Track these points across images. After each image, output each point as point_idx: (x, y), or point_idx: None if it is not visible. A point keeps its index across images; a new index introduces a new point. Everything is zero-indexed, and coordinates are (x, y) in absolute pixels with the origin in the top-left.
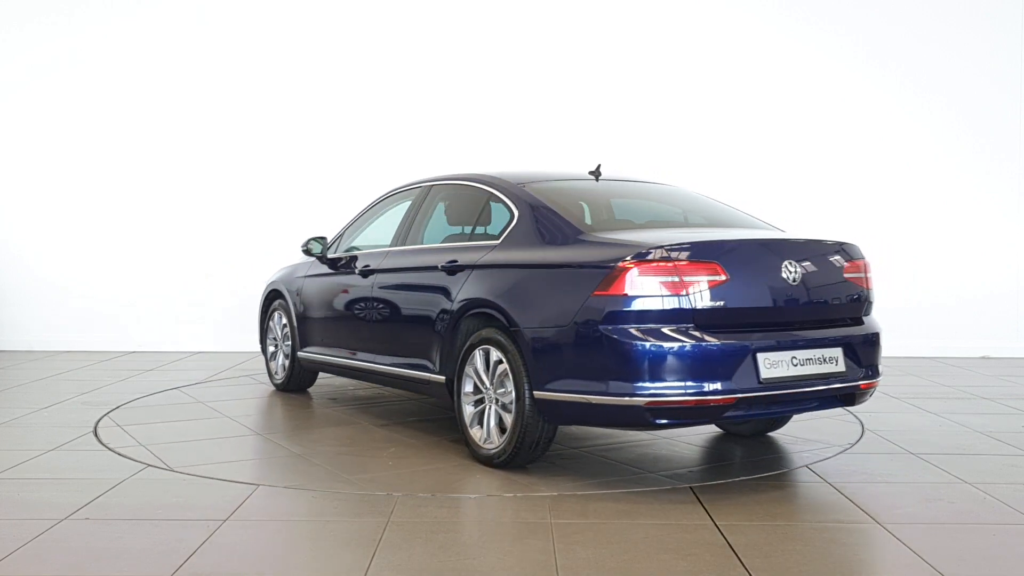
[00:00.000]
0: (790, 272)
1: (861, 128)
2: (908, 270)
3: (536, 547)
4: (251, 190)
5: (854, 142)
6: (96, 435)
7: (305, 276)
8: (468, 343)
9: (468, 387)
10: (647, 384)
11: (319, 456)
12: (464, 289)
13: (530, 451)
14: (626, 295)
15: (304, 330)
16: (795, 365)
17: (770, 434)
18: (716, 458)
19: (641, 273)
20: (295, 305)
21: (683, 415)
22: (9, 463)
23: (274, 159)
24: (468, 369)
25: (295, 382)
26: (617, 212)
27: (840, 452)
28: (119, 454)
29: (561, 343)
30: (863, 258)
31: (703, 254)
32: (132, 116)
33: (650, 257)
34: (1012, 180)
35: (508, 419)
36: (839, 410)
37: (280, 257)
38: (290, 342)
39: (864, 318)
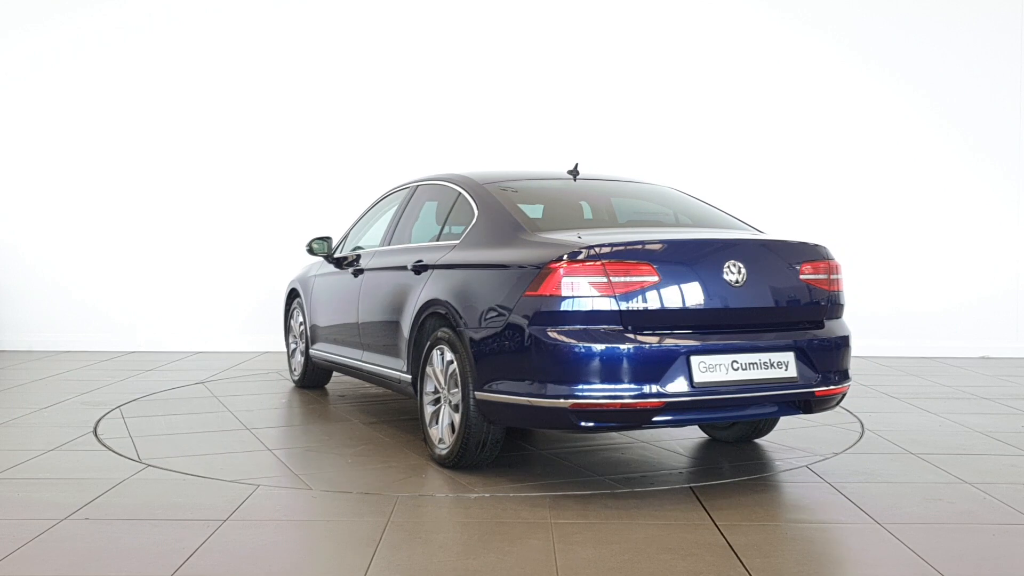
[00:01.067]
0: (733, 273)
1: (861, 128)
2: (908, 270)
3: (536, 547)
4: (252, 190)
5: (854, 142)
6: (96, 435)
7: (315, 275)
8: (428, 343)
9: (429, 387)
10: (572, 386)
11: (286, 453)
12: (425, 289)
13: (476, 453)
14: (554, 295)
15: (313, 328)
16: (736, 369)
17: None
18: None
19: (569, 273)
20: (307, 303)
21: (609, 418)
22: (9, 463)
23: (277, 158)
24: (428, 369)
25: (310, 379)
26: (587, 212)
27: (840, 452)
28: (119, 454)
29: (497, 344)
30: (828, 259)
31: (634, 254)
32: (132, 117)
33: (580, 257)
34: (1012, 180)
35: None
36: (839, 411)
37: (282, 257)
38: (304, 340)
39: (827, 321)
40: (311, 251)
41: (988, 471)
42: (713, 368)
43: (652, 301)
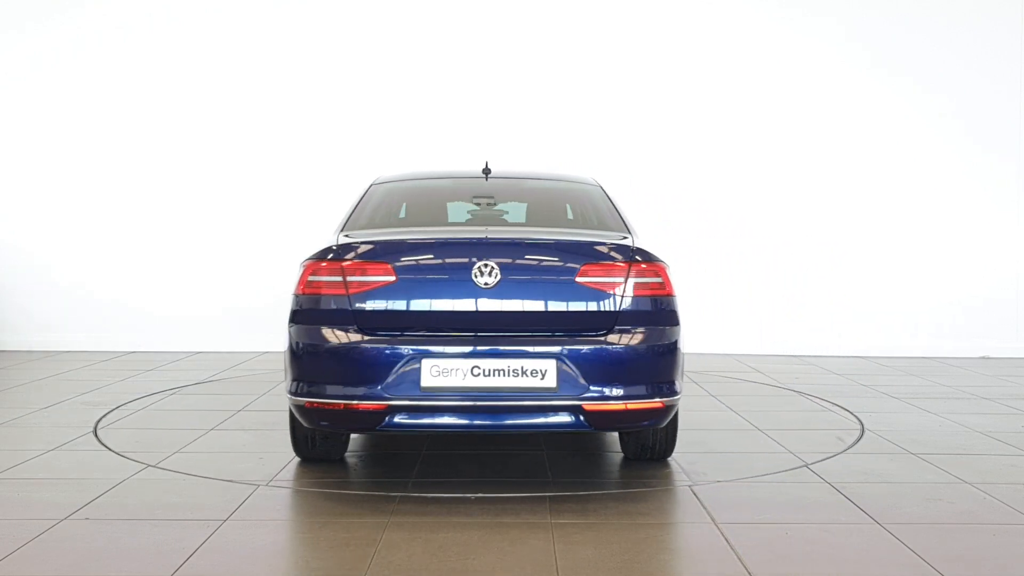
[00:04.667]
0: (483, 275)
1: (861, 128)
2: (908, 270)
3: (536, 547)
4: (253, 190)
5: (854, 142)
6: (96, 435)
7: None
8: None
9: None
10: (309, 385)
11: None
12: None
13: (308, 448)
14: (302, 294)
15: None
16: (476, 376)
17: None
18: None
19: (312, 273)
20: None
21: (338, 420)
22: (9, 463)
23: (278, 159)
24: None
25: None
26: (450, 213)
27: (840, 452)
28: (119, 454)
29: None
30: (622, 261)
31: (372, 254)
32: (133, 117)
33: (324, 257)
34: (1012, 180)
35: None
36: (839, 410)
37: (282, 258)
38: None
39: (621, 329)
40: None
41: (988, 471)
42: (447, 373)
43: (387, 302)
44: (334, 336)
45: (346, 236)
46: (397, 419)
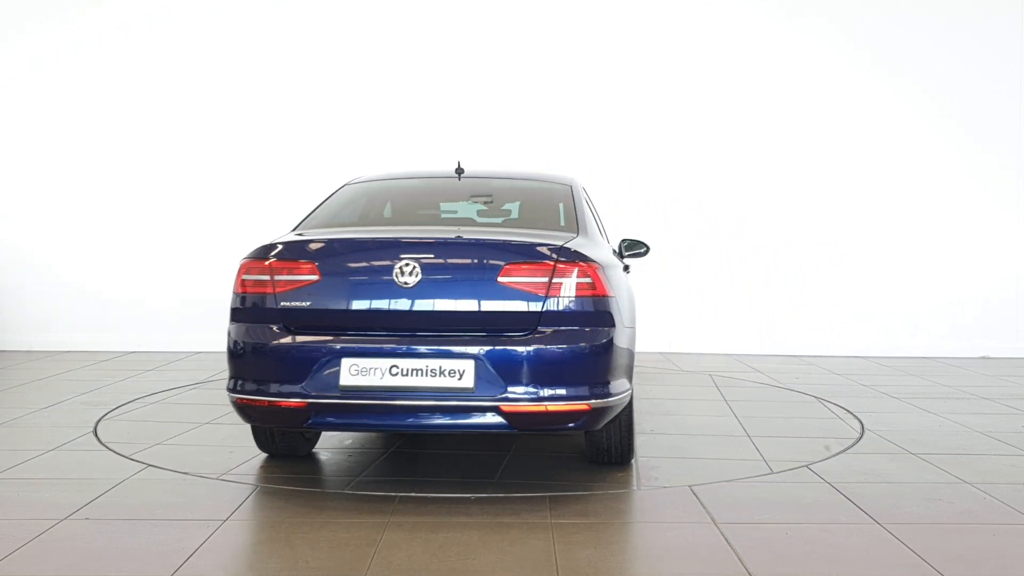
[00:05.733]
0: (404, 274)
1: (861, 128)
2: (908, 270)
3: (536, 547)
4: (253, 191)
5: (854, 142)
6: (96, 435)
7: None
8: None
9: None
10: (237, 381)
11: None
12: None
13: (269, 443)
14: (237, 292)
15: None
16: (395, 375)
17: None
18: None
19: (245, 272)
20: None
21: (266, 416)
22: (9, 463)
23: (278, 159)
24: None
25: None
26: (408, 212)
27: (840, 452)
28: (119, 454)
29: None
30: (547, 261)
31: (298, 253)
32: (133, 118)
33: (257, 256)
34: (1012, 180)
35: None
36: (839, 410)
37: None
38: None
39: (542, 328)
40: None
41: (988, 471)
42: (366, 372)
43: (310, 301)
44: (262, 334)
45: (296, 235)
46: (320, 417)
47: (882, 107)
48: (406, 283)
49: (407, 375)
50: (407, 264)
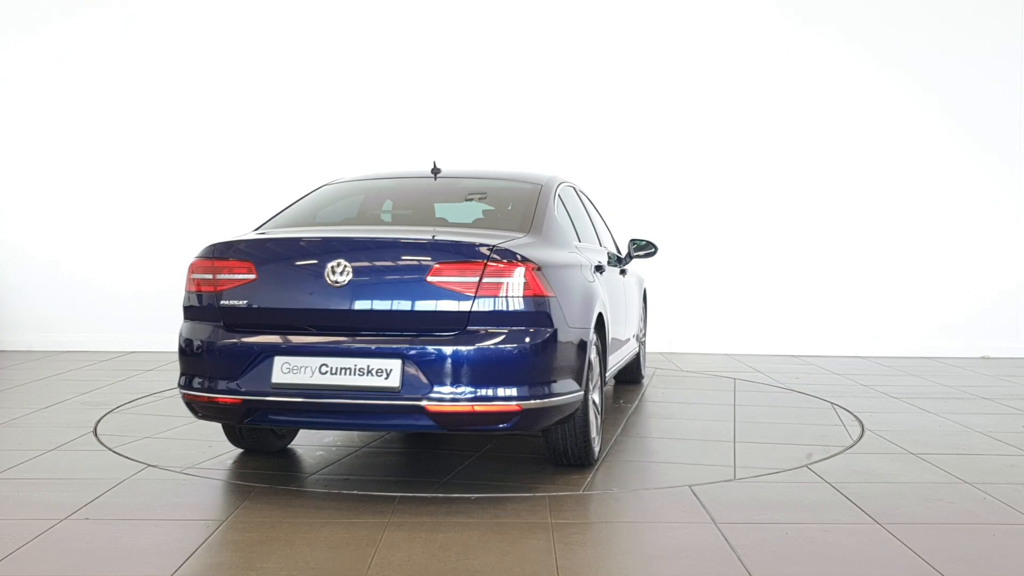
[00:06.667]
0: (335, 273)
1: (860, 128)
2: (908, 270)
3: (536, 547)
4: (253, 191)
5: (853, 143)
6: (96, 435)
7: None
8: None
9: None
10: (184, 377)
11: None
12: None
13: (240, 439)
14: (187, 291)
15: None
16: (324, 373)
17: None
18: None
19: (193, 271)
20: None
21: (207, 412)
22: (9, 463)
23: (277, 160)
24: None
25: None
26: (370, 212)
27: (840, 452)
28: (119, 454)
29: None
30: (478, 261)
31: (237, 253)
32: (133, 118)
33: (203, 255)
34: (1012, 180)
35: None
36: (839, 410)
37: None
38: None
39: (471, 328)
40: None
41: (988, 471)
42: (297, 370)
43: (248, 300)
44: (204, 332)
45: (258, 234)
46: (261, 415)
47: (882, 108)
48: (337, 282)
49: (336, 374)
50: (338, 264)
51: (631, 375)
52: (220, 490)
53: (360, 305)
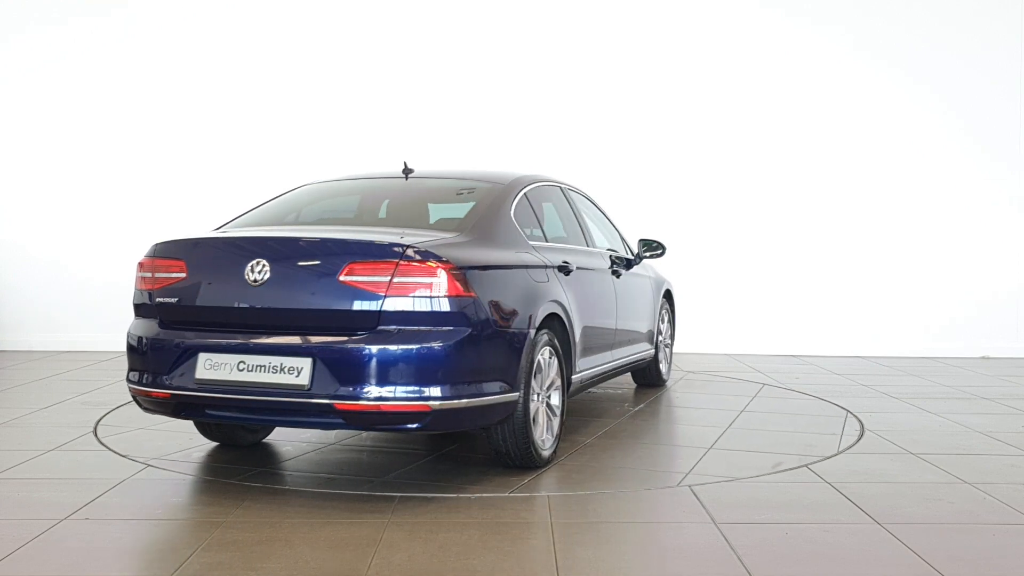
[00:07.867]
0: (254, 272)
1: (861, 129)
2: (908, 270)
3: (536, 547)
4: (253, 191)
5: (853, 143)
6: (96, 435)
7: None
8: None
9: None
10: (130, 372)
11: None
12: None
13: (204, 430)
14: (135, 289)
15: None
16: (242, 370)
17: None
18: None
19: (139, 269)
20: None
21: (147, 406)
22: (9, 463)
23: (277, 160)
24: None
25: None
26: (333, 212)
27: (840, 452)
28: (119, 454)
29: None
30: (390, 260)
31: (171, 252)
32: (133, 118)
33: (147, 254)
34: (1012, 180)
35: None
36: (839, 410)
37: None
38: None
39: (381, 327)
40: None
41: (988, 471)
42: (218, 367)
43: (178, 298)
44: (144, 328)
45: (218, 233)
46: (190, 408)
47: (882, 108)
48: (255, 281)
49: (252, 371)
50: (258, 263)
51: (650, 378)
52: (220, 490)
53: (276, 303)
